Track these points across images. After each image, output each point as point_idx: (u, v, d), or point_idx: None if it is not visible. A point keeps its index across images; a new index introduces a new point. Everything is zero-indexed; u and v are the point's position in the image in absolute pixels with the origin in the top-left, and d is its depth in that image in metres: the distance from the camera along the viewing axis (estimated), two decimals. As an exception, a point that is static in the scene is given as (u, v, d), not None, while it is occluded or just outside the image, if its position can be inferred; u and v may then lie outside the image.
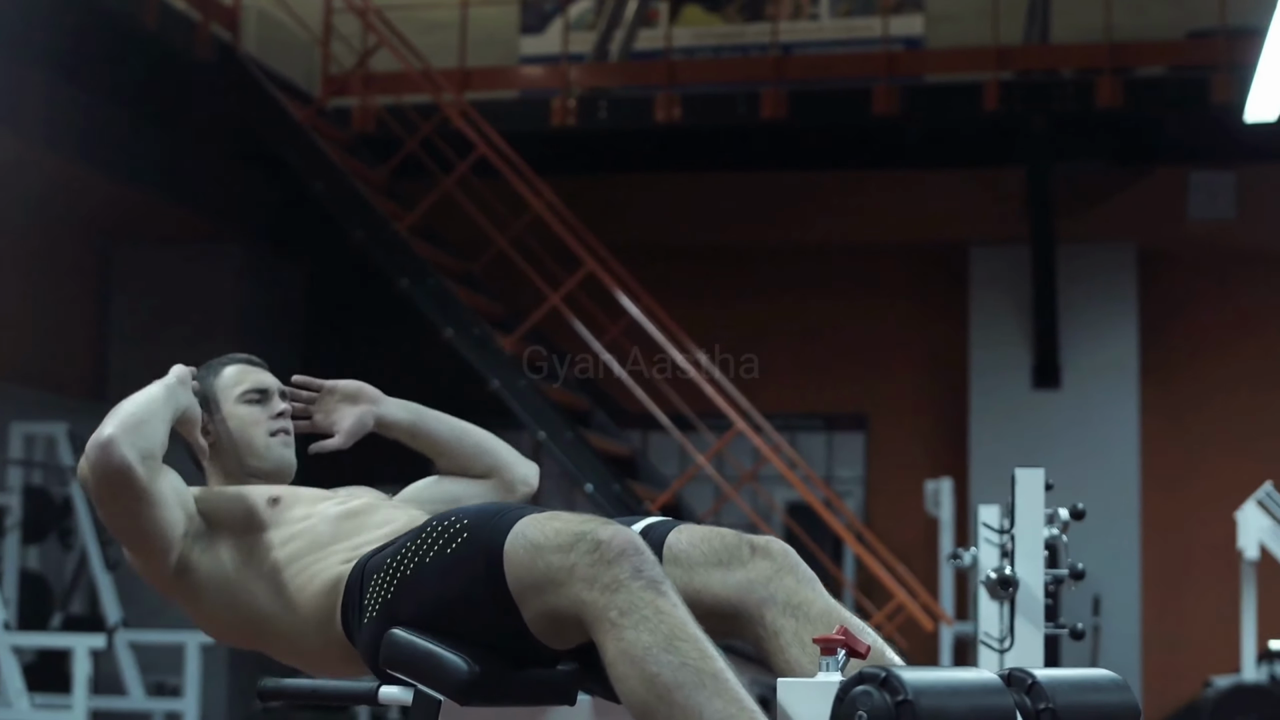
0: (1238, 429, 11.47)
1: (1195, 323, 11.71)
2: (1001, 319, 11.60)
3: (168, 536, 3.12)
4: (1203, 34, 10.64)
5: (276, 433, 3.37)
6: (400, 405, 3.55)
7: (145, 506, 3.06)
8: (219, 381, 3.38)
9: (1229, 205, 11.29)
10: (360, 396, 3.52)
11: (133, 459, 3.00)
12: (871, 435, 12.31)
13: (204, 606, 3.20)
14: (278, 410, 3.39)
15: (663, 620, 2.58)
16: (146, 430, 3.04)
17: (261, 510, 3.20)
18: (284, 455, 3.38)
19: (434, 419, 3.57)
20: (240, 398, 3.36)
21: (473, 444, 3.57)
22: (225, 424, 3.35)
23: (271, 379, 3.42)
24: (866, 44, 11.53)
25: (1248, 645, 8.84)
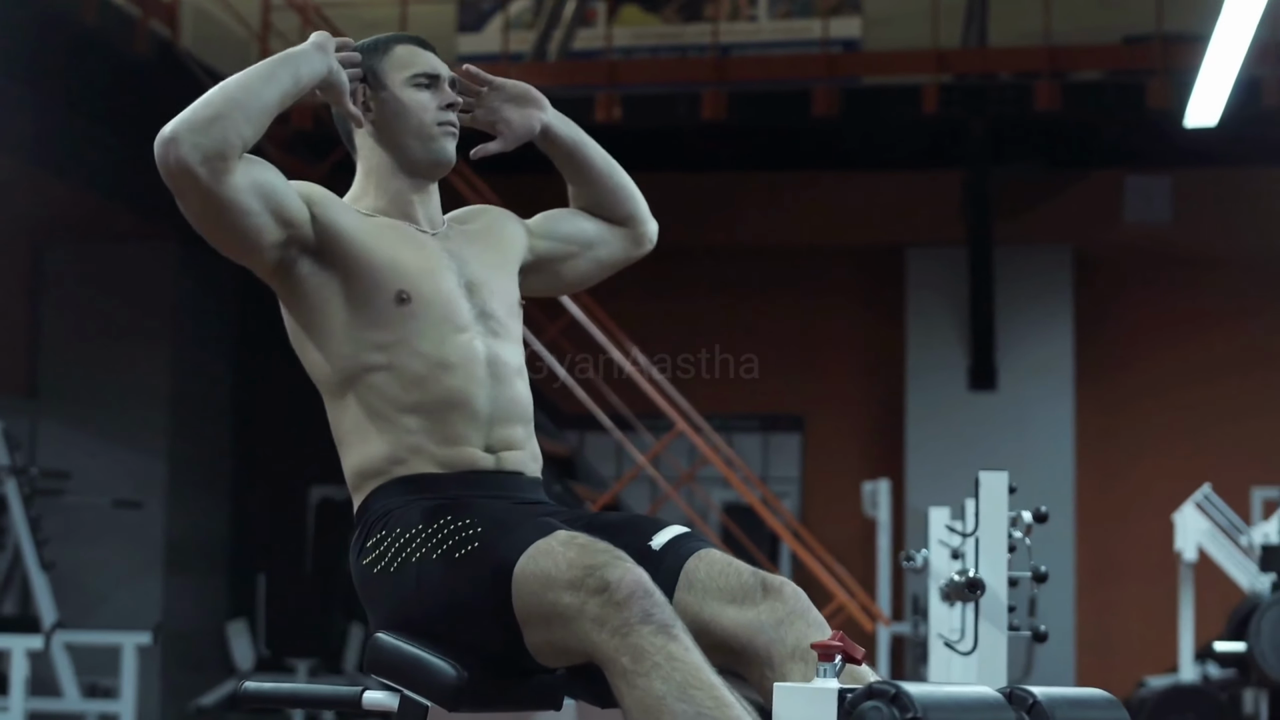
0: (1171, 430, 11.58)
1: (1130, 325, 11.80)
2: (938, 321, 11.65)
3: (251, 243, 2.92)
4: (1139, 39, 10.71)
5: (443, 124, 3.14)
6: (566, 121, 3.41)
7: (216, 213, 2.87)
8: (388, 59, 3.15)
9: (1164, 209, 11.39)
10: (528, 99, 3.34)
11: (192, 160, 2.79)
12: (807, 436, 12.34)
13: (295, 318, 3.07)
14: (448, 100, 3.15)
15: (675, 668, 2.56)
16: (219, 126, 2.81)
17: (385, 301, 2.99)
18: (446, 149, 3.14)
19: (592, 146, 3.44)
20: (409, 80, 3.13)
21: (621, 182, 3.46)
22: (390, 105, 3.12)
23: (444, 65, 3.19)
24: (805, 46, 11.56)
25: (1185, 646, 8.91)
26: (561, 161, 3.39)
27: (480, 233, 3.25)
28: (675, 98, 10.82)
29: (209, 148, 2.79)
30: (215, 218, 2.88)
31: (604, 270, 3.46)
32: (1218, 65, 7.93)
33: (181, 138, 2.79)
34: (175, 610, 11.32)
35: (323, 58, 3.00)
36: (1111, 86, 10.59)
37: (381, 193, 3.14)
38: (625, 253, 3.46)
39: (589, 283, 3.48)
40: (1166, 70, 10.07)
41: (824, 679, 2.51)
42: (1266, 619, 6.06)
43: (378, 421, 2.97)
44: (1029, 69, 10.48)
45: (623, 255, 3.46)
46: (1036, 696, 2.44)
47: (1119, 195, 11.45)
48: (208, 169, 2.80)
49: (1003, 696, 2.44)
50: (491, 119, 3.30)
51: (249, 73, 2.90)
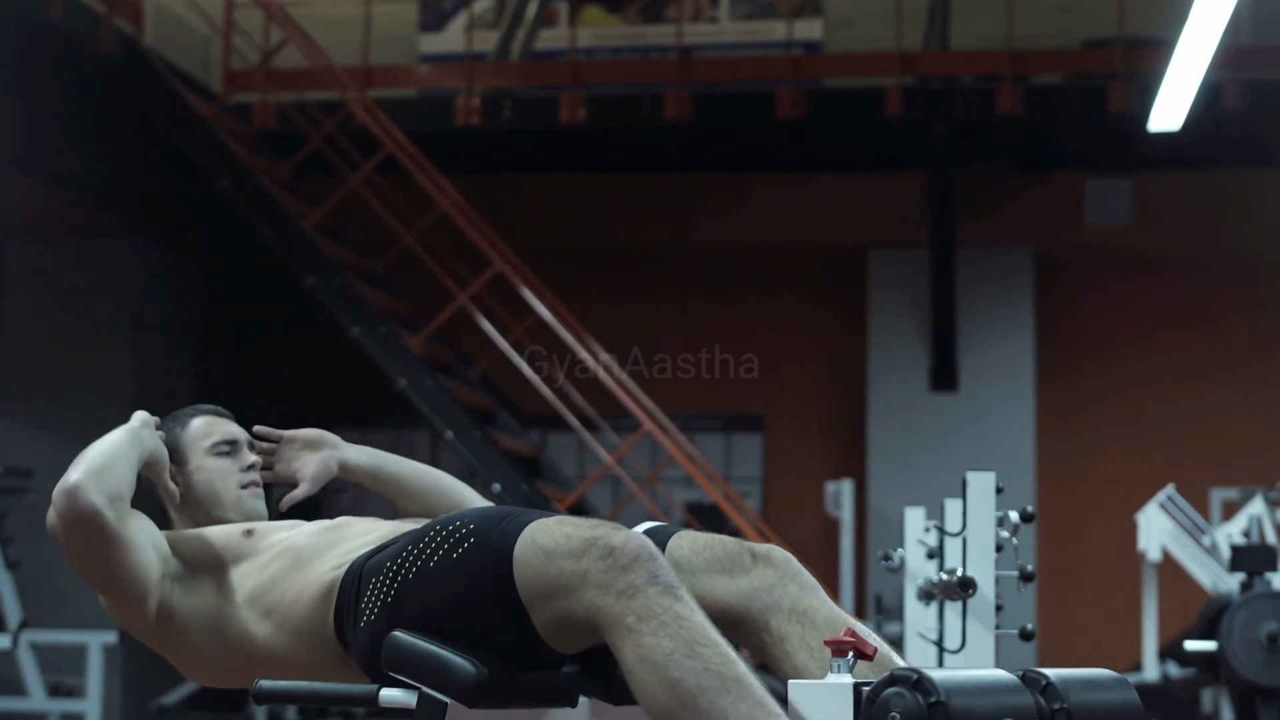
0: (1131, 431, 11.66)
1: (1090, 327, 11.89)
2: (900, 322, 11.71)
3: (144, 580, 3.10)
4: (1099, 43, 10.80)
5: (247, 485, 3.36)
6: (360, 449, 3.55)
7: (117, 551, 3.06)
8: (187, 433, 3.37)
9: (1125, 212, 11.47)
10: (321, 443, 3.50)
11: (100, 503, 3.01)
12: (769, 436, 12.38)
13: (190, 648, 3.18)
14: (248, 462, 3.38)
15: (682, 625, 2.59)
16: (113, 474, 3.05)
17: (238, 542, 3.19)
18: (255, 507, 3.36)
19: (394, 461, 3.57)
20: (210, 450, 3.36)
21: (433, 482, 3.57)
22: (194, 476, 3.34)
23: (240, 430, 3.41)
24: (766, 47, 11.60)
25: (1149, 645, 8.99)
26: (370, 485, 3.54)
27: None
28: (639, 98, 10.84)
29: (112, 491, 3.04)
30: (115, 560, 3.07)
31: None
32: (1182, 70, 8.00)
33: (87, 484, 3.02)
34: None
35: (151, 434, 3.21)
36: (1073, 90, 10.67)
37: None
38: None
39: None
40: (1128, 74, 10.15)
41: (839, 674, 2.55)
42: (1238, 618, 6.13)
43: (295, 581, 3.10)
44: (992, 72, 10.54)
45: None
46: (1050, 678, 2.49)
47: (1080, 198, 11.53)
48: (114, 510, 3.03)
49: (1018, 679, 2.49)
50: (289, 471, 3.47)
51: (115, 439, 3.14)
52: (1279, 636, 6.08)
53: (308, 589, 3.04)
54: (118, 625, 3.29)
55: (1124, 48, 10.24)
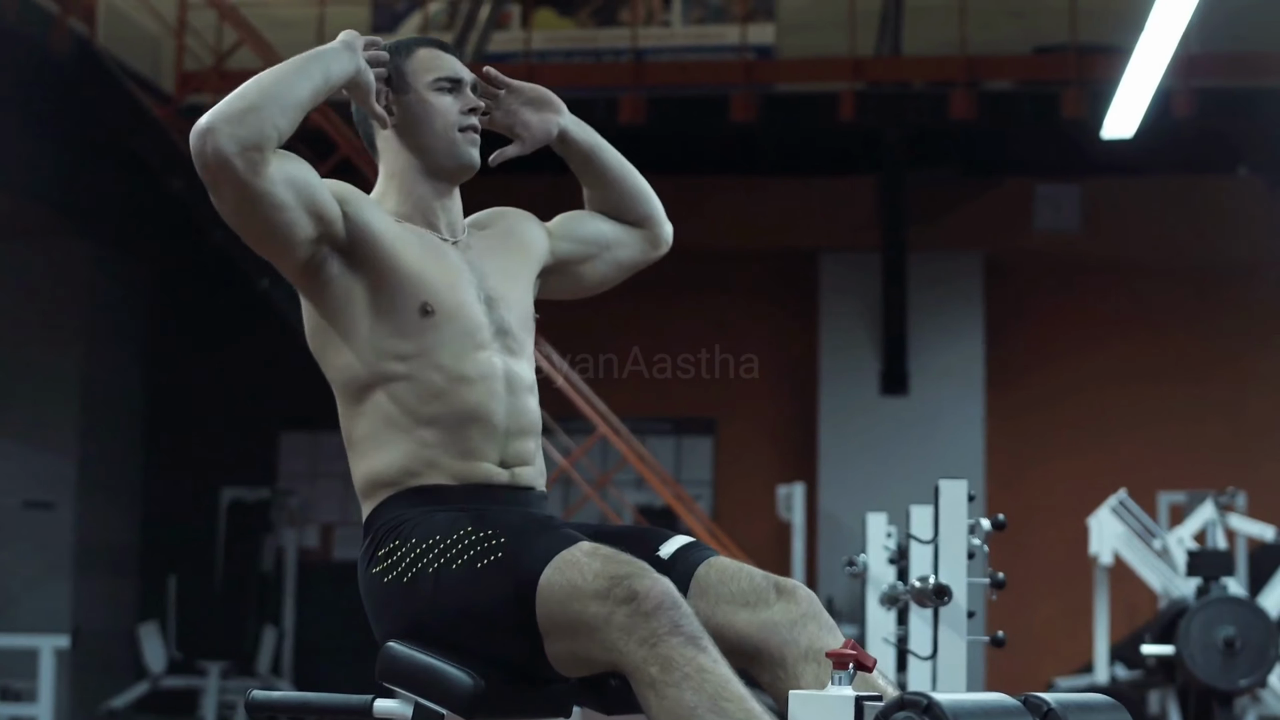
0: (1079, 434, 11.75)
1: (1039, 331, 11.97)
2: (851, 326, 11.76)
3: (283, 238, 2.93)
4: (1049, 49, 10.87)
5: (465, 128, 3.15)
6: (581, 124, 3.42)
7: (251, 206, 2.87)
8: (411, 62, 3.14)
9: (1073, 217, 11.56)
10: (545, 103, 3.36)
11: (229, 150, 2.78)
12: (719, 440, 12.41)
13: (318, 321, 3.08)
14: (470, 105, 3.16)
15: (706, 679, 2.59)
16: (256, 117, 2.81)
17: (409, 310, 3.01)
18: (469, 154, 3.16)
19: (610, 150, 3.46)
20: (433, 84, 3.13)
21: (638, 184, 3.48)
22: (413, 108, 3.12)
23: (466, 69, 3.18)
24: (718, 51, 11.62)
25: (1100, 647, 9.06)
26: (578, 165, 3.42)
27: (500, 240, 3.28)
28: (593, 101, 10.84)
29: (245, 138, 2.79)
30: (250, 211, 2.88)
31: (623, 272, 3.53)
32: (1136, 78, 8.07)
33: (218, 128, 2.79)
34: (86, 612, 11.21)
35: (351, 56, 3.00)
36: (1026, 96, 10.74)
37: (404, 197, 3.15)
38: (643, 254, 3.54)
39: (608, 284, 3.54)
40: (1080, 81, 10.22)
41: (839, 686, 2.57)
42: (1195, 623, 6.19)
43: (393, 431, 2.98)
44: (945, 78, 10.60)
45: (641, 256, 3.54)
46: (1050, 704, 2.51)
47: (1029, 203, 11.60)
48: (244, 160, 2.80)
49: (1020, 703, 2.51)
50: (509, 122, 3.33)
51: (281, 68, 2.91)
52: (1235, 641, 6.15)
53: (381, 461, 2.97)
54: None
55: (1076, 55, 10.31)
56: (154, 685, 11.07)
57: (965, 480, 4.35)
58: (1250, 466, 11.14)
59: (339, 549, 12.38)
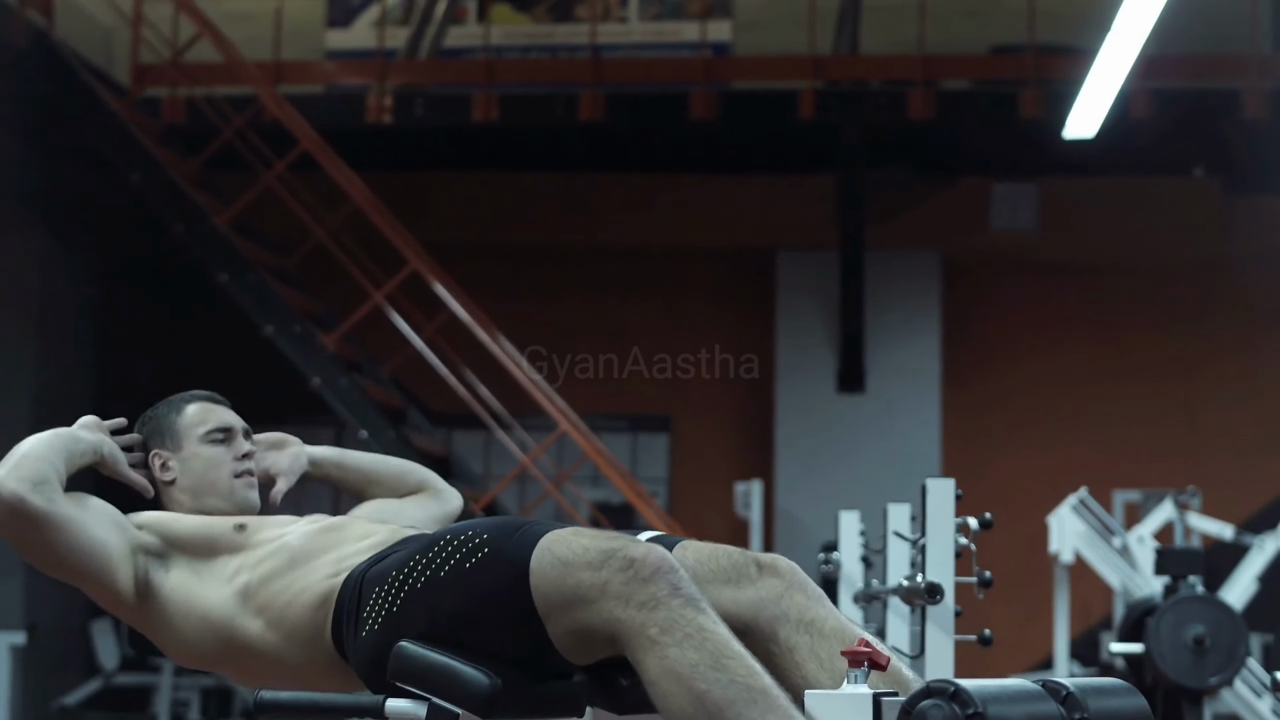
0: (1034, 433, 11.80)
1: (995, 330, 12.02)
2: (808, 324, 11.77)
3: (99, 556, 3.05)
4: (1006, 49, 10.91)
5: (241, 474, 3.31)
6: (323, 447, 3.60)
7: (56, 533, 3.00)
8: (181, 419, 3.32)
9: (1030, 217, 11.60)
10: (285, 442, 3.52)
11: (22, 490, 2.96)
12: (675, 437, 12.41)
13: (174, 630, 3.13)
14: (243, 451, 3.33)
15: (706, 638, 2.60)
16: (29, 463, 3.00)
17: (229, 535, 3.15)
18: (249, 497, 3.32)
19: (355, 453, 3.62)
20: (204, 437, 3.30)
21: (397, 466, 3.62)
22: (188, 463, 3.28)
23: (236, 418, 3.36)
24: (674, 48, 11.62)
25: (1060, 645, 9.09)
26: (337, 476, 3.57)
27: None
28: (553, 98, 10.84)
29: (32, 477, 2.98)
30: (58, 542, 3.02)
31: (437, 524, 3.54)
32: (1099, 79, 8.10)
33: (4, 478, 2.97)
34: (38, 608, 11.10)
35: (91, 435, 3.18)
36: (984, 96, 10.77)
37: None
38: (440, 509, 3.61)
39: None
40: (1038, 81, 10.26)
41: (855, 684, 2.57)
42: (1165, 621, 6.21)
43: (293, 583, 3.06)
44: (903, 77, 10.62)
45: (440, 511, 3.61)
46: (1069, 688, 2.52)
47: (986, 203, 11.64)
48: (40, 494, 2.97)
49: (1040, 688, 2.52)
50: (263, 467, 3.45)
51: (31, 439, 3.08)
52: (1205, 639, 6.18)
53: (304, 594, 3.01)
54: (105, 609, 3.19)
55: (1034, 55, 10.35)
56: (106, 682, 10.99)
57: (952, 479, 4.36)
58: (1204, 466, 11.22)
59: (293, 545, 12.27)
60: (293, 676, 3.06)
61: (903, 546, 5.12)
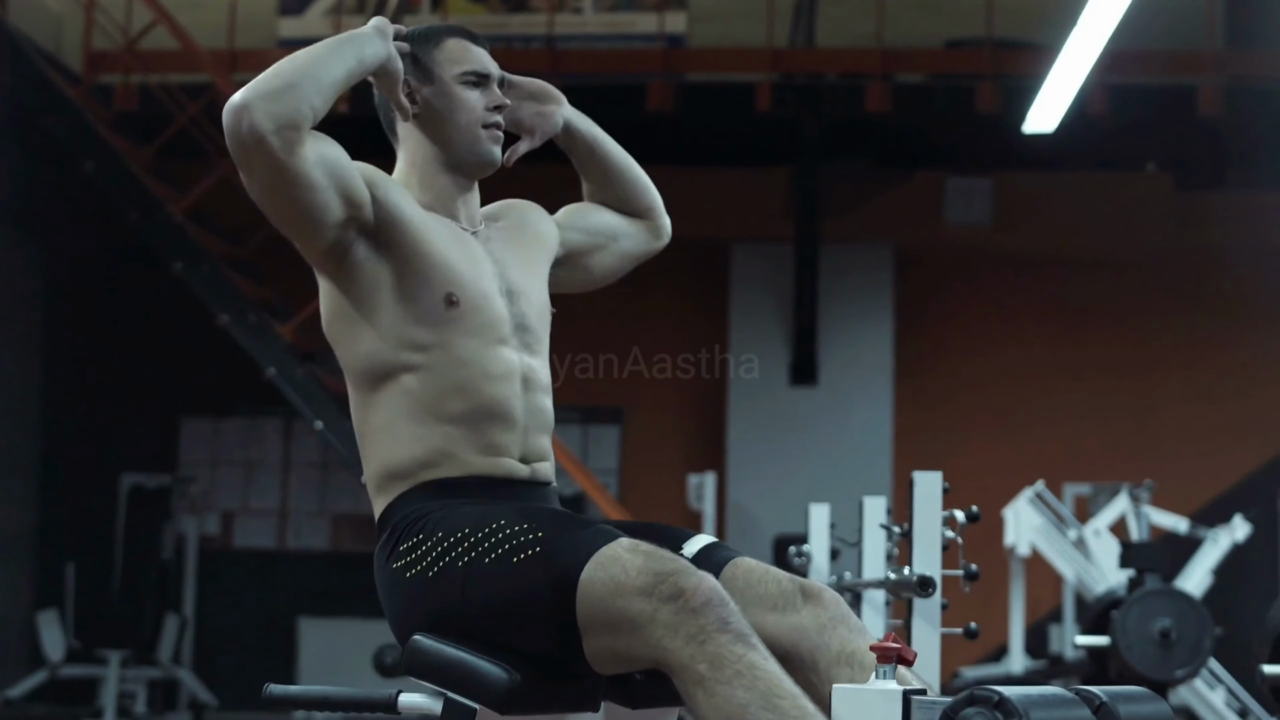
0: (985, 426, 11.84)
1: (949, 324, 12.05)
2: (761, 316, 11.77)
3: (310, 221, 2.88)
4: (961, 43, 10.95)
5: (490, 125, 3.14)
6: (583, 117, 3.44)
7: (285, 186, 2.83)
8: (439, 51, 3.12)
9: (984, 211, 11.63)
10: (548, 96, 3.38)
11: (266, 128, 2.75)
12: (627, 428, 12.39)
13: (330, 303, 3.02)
14: (497, 102, 3.15)
15: (757, 676, 2.56)
16: (293, 95, 2.78)
17: (435, 302, 2.98)
18: (492, 152, 3.16)
19: (611, 141, 3.50)
20: (459, 77, 3.12)
21: (639, 176, 3.54)
22: (439, 100, 3.10)
23: (493, 64, 3.17)
24: (629, 40, 11.60)
25: (1015, 638, 9.16)
26: (581, 157, 3.44)
27: (515, 231, 3.26)
28: (509, 88, 10.78)
29: (282, 116, 2.76)
30: (284, 191, 2.83)
31: (627, 263, 3.53)
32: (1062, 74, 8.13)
33: (254, 105, 2.75)
34: (-17, 599, 11.04)
35: (383, 42, 2.97)
36: (941, 90, 10.80)
37: (425, 188, 3.12)
38: (647, 244, 3.54)
39: (614, 276, 3.55)
40: (995, 76, 10.29)
41: (883, 680, 2.56)
42: (1131, 615, 6.25)
43: (411, 423, 2.95)
44: (861, 70, 10.63)
45: (645, 247, 3.53)
46: (1102, 697, 2.52)
47: (941, 196, 11.67)
48: (280, 138, 2.76)
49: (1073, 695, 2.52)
50: (515, 118, 3.31)
51: (315, 48, 2.87)
52: (1171, 632, 6.22)
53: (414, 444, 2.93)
54: None
55: (991, 49, 10.38)
56: (52, 674, 10.88)
57: (939, 472, 4.37)
58: (1155, 459, 11.30)
59: (239, 536, 12.24)
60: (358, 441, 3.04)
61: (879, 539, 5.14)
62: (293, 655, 11.74)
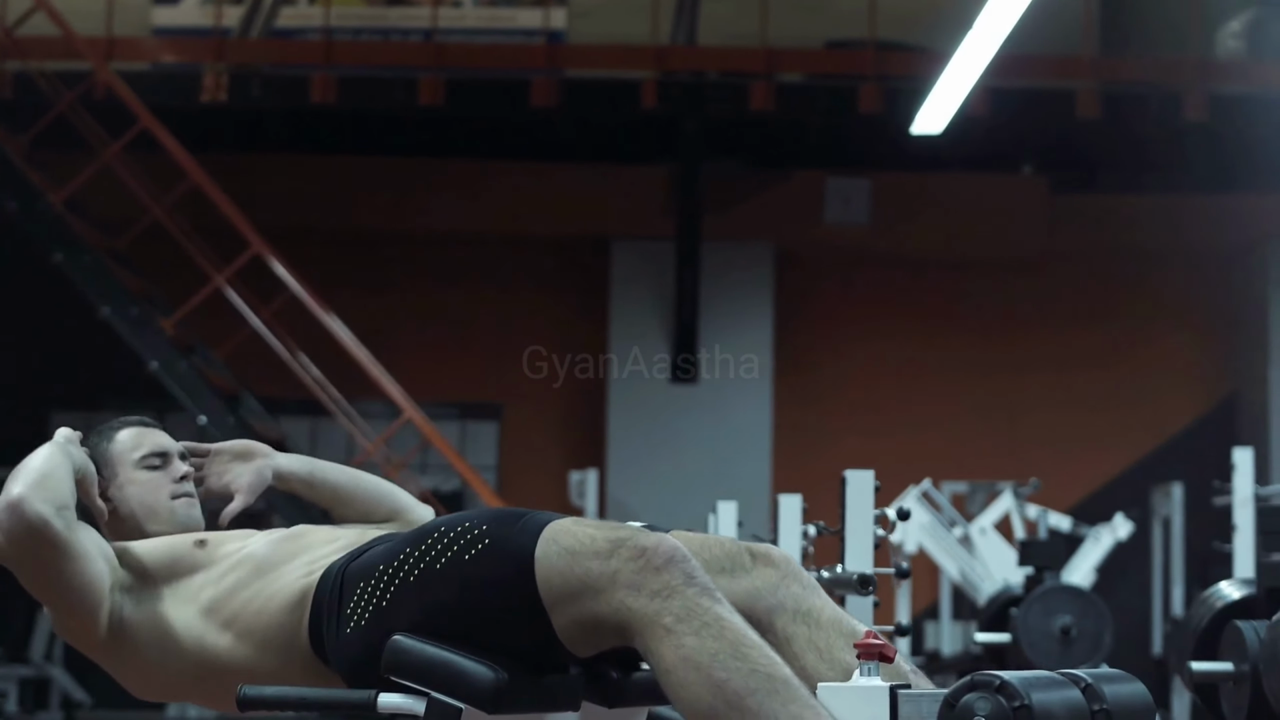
0: (863, 423, 11.94)
1: (828, 322, 12.15)
2: (642, 313, 11.79)
3: (96, 591, 2.98)
4: (842, 44, 11.03)
5: (179, 496, 3.24)
6: (293, 457, 3.47)
7: (68, 561, 2.93)
8: (114, 447, 3.24)
9: (862, 211, 11.73)
10: (252, 453, 3.42)
11: (48, 513, 2.89)
12: (505, 425, 12.37)
13: (141, 664, 3.06)
14: (180, 473, 3.26)
15: (724, 627, 2.58)
16: (54, 484, 2.94)
17: (190, 553, 3.08)
18: (190, 516, 3.25)
19: (328, 466, 3.48)
20: (139, 462, 3.23)
21: (372, 487, 3.49)
22: (125, 490, 3.22)
23: (169, 440, 3.28)
24: (509, 34, 11.58)
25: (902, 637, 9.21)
26: (304, 492, 3.45)
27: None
28: (392, 81, 10.74)
29: (56, 499, 2.91)
30: (68, 571, 2.94)
31: None
32: (952, 77, 8.21)
33: (30, 496, 2.89)
34: None
35: (77, 449, 3.09)
36: (823, 90, 10.87)
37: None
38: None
39: None
40: (878, 77, 10.38)
41: (868, 677, 2.58)
42: (1031, 612, 6.34)
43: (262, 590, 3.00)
44: (746, 69, 10.68)
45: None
46: (1087, 679, 2.56)
47: (821, 196, 11.75)
48: (62, 518, 2.91)
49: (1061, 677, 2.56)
50: (224, 483, 3.38)
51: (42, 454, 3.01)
52: (1071, 629, 6.31)
53: (275, 598, 2.95)
54: (66, 641, 3.11)
55: (874, 51, 10.47)
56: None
57: (871, 470, 4.40)
58: (1028, 458, 11.46)
59: (112, 531, 12.03)
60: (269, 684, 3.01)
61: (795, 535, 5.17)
62: (165, 652, 11.57)
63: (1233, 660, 3.81)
